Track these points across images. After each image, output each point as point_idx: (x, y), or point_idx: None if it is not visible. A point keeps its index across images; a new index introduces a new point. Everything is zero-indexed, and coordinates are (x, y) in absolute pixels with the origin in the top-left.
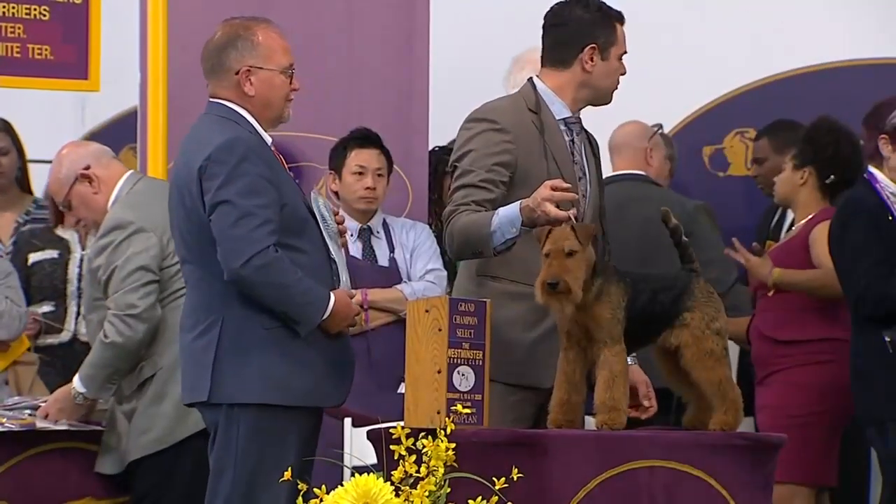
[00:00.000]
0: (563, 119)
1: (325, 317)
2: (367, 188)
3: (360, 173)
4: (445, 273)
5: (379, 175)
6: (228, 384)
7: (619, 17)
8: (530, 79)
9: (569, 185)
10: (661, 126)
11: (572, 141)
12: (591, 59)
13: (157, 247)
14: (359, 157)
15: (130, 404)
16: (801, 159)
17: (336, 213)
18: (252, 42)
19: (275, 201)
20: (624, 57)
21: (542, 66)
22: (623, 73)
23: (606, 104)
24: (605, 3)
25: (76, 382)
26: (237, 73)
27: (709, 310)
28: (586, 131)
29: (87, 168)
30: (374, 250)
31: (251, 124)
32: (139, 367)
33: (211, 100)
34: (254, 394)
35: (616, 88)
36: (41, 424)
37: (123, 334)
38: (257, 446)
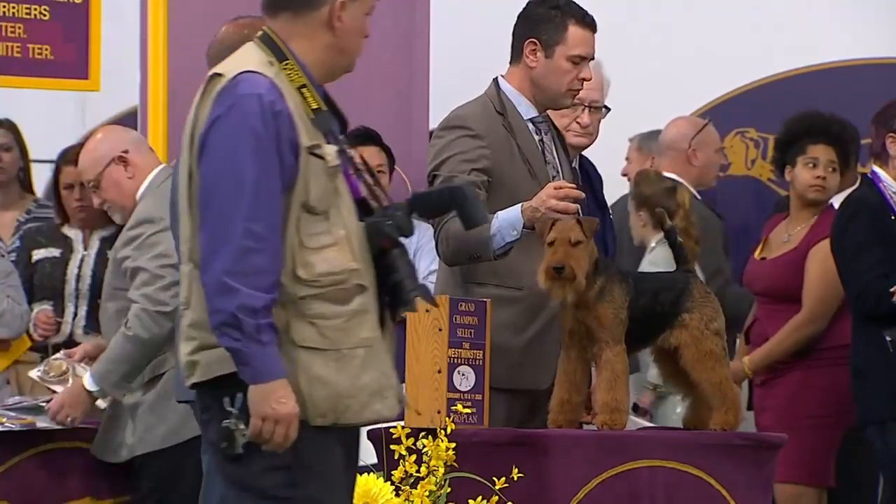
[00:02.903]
0: (531, 119)
1: None
2: None
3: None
4: None
5: (380, 172)
6: None
7: (578, 18)
8: (495, 79)
9: (573, 185)
10: (709, 121)
11: (541, 140)
12: (533, 55)
13: None
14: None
15: (135, 397)
16: (844, 164)
17: None
18: None
19: None
20: (591, 63)
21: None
22: (581, 78)
23: (562, 108)
24: (569, 3)
25: (88, 382)
26: None
27: (707, 310)
28: (555, 129)
29: (126, 152)
30: None
31: None
32: (152, 362)
33: None
34: None
35: (565, 91)
36: (41, 424)
37: (150, 330)
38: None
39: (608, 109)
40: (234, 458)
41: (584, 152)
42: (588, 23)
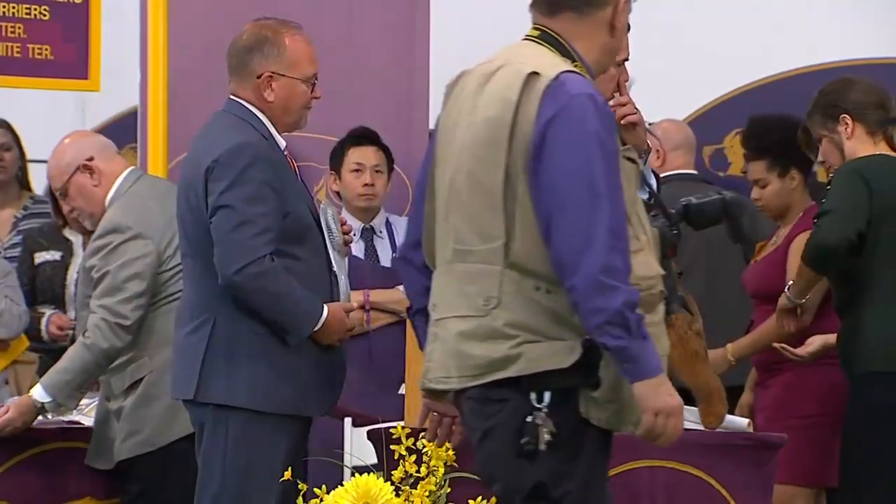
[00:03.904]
0: None
1: (316, 329)
2: (366, 185)
3: (358, 171)
4: None
5: (377, 171)
6: (215, 385)
7: None
8: None
9: None
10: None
11: None
12: None
13: (154, 254)
14: (355, 155)
15: (118, 402)
16: (784, 164)
17: (344, 222)
18: (279, 48)
19: (277, 209)
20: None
21: None
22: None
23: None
24: None
25: (38, 393)
26: (259, 77)
27: (687, 313)
28: None
29: (91, 159)
30: (376, 250)
31: (266, 127)
32: (130, 367)
33: (231, 97)
34: (240, 398)
35: (608, 96)
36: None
37: (110, 341)
38: (246, 450)
39: None
40: (530, 455)
41: None
42: None
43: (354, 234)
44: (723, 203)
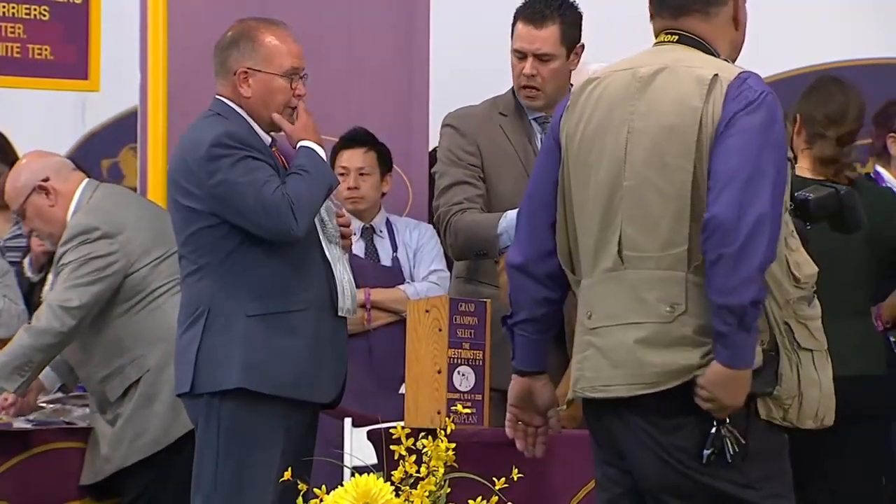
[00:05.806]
0: (536, 118)
1: (319, 153)
2: (349, 188)
3: (343, 174)
4: (448, 274)
5: (362, 174)
6: (209, 373)
7: (522, 14)
8: None
9: None
10: None
11: (542, 140)
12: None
13: (120, 252)
14: (342, 158)
15: (114, 411)
16: None
17: (341, 216)
18: (255, 44)
19: (274, 173)
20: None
21: None
22: (522, 73)
23: (526, 104)
24: (528, 2)
25: None
26: (235, 74)
27: None
28: None
29: (46, 180)
30: (376, 250)
31: (247, 122)
32: (126, 368)
33: (215, 97)
34: (233, 379)
35: (518, 87)
36: (18, 425)
37: (48, 322)
38: (239, 441)
39: None
40: (715, 465)
41: None
42: (528, 17)
43: (355, 234)
44: (838, 196)
